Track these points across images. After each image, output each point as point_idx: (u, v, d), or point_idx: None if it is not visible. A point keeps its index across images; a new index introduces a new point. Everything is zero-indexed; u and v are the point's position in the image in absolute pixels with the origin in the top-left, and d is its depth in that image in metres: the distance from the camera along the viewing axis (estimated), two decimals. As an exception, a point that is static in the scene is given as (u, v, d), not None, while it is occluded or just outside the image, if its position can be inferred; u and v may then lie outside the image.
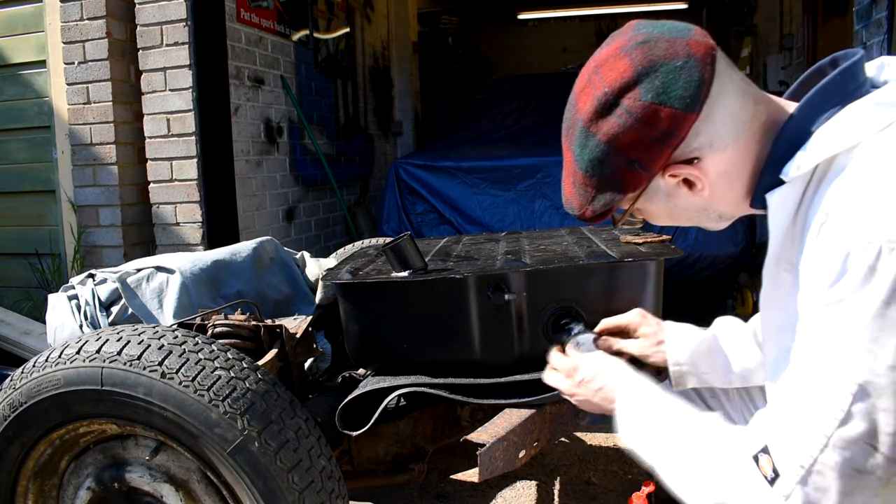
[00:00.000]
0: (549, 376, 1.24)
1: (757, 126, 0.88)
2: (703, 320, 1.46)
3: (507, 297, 1.42)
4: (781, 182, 0.86)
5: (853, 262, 0.73)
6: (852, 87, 0.85)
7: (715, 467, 0.85)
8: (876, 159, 0.77)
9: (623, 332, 1.34)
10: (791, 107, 0.89)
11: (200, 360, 1.29)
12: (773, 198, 0.86)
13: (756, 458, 0.80)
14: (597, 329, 1.34)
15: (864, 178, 0.76)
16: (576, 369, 1.17)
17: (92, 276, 1.88)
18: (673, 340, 1.30)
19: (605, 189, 0.92)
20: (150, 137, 3.41)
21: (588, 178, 0.93)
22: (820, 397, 0.74)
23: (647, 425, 1.00)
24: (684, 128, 0.85)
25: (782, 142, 0.86)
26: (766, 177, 0.87)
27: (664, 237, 1.71)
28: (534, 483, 2.31)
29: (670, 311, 1.46)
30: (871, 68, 0.91)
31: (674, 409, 0.98)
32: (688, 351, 1.29)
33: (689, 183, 0.90)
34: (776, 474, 0.77)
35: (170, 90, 3.34)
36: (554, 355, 1.25)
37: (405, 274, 1.48)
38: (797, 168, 0.83)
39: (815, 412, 0.75)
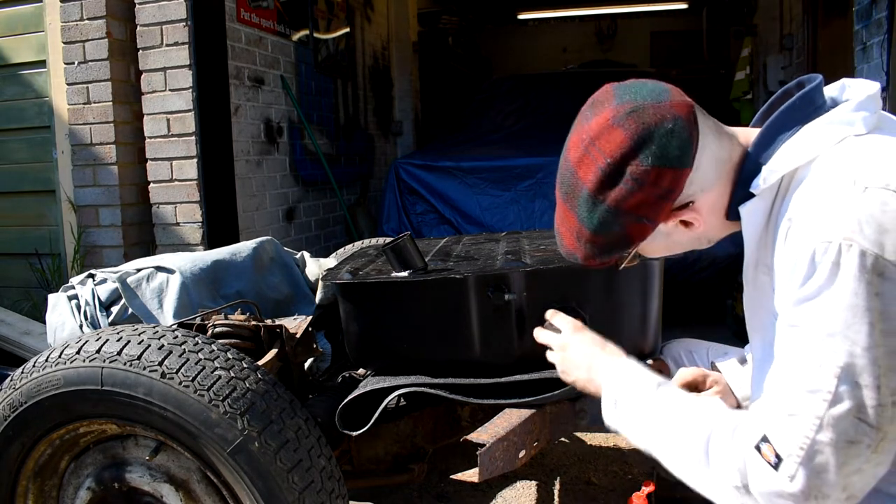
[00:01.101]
0: (541, 335, 1.25)
1: (733, 161, 1.00)
2: (704, 320, 1.46)
3: (507, 297, 1.42)
4: (752, 195, 0.97)
5: (818, 261, 0.82)
6: (810, 109, 0.96)
7: (726, 456, 0.91)
8: (829, 169, 0.88)
9: (692, 387, 1.36)
10: (755, 132, 1.01)
11: (200, 360, 1.29)
12: (745, 209, 0.98)
13: (758, 448, 0.87)
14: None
15: (820, 186, 0.87)
16: (568, 344, 1.19)
17: (92, 276, 1.88)
18: (732, 378, 1.35)
19: (614, 244, 1.02)
20: (150, 137, 3.40)
21: (597, 237, 1.01)
22: (808, 383, 0.83)
23: (644, 410, 1.03)
24: (682, 182, 0.96)
25: (751, 160, 0.98)
26: (738, 192, 0.99)
27: None
28: (534, 483, 2.31)
29: (670, 311, 1.46)
30: (834, 89, 1.01)
31: (666, 393, 1.03)
32: (746, 383, 1.31)
33: (685, 223, 1.01)
34: (779, 459, 0.84)
35: (170, 90, 3.34)
36: (542, 332, 1.25)
37: (405, 274, 1.47)
38: (763, 181, 0.95)
39: (806, 397, 0.83)
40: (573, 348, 1.18)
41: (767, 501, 0.86)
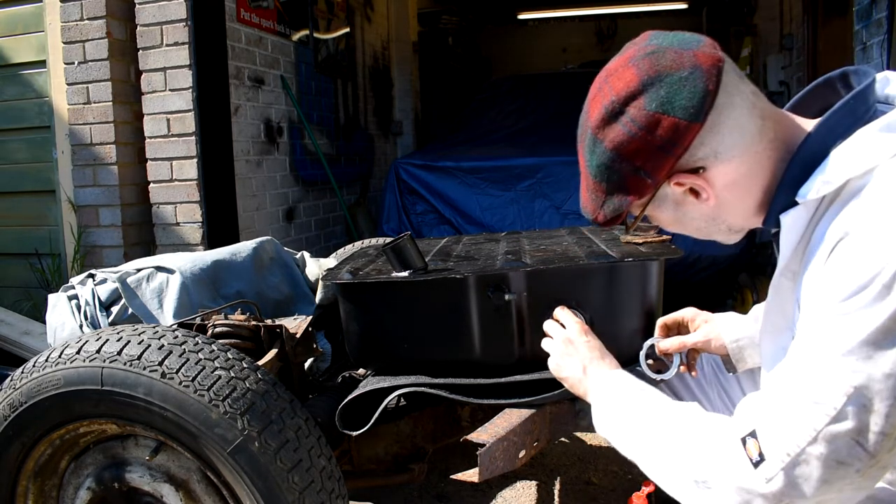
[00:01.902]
0: (546, 343, 1.27)
1: (767, 141, 0.90)
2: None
3: (507, 296, 1.42)
4: (795, 202, 0.88)
5: (869, 280, 0.76)
6: (862, 110, 0.88)
7: (699, 447, 0.88)
8: (892, 184, 0.80)
9: (681, 327, 1.39)
10: (800, 123, 0.92)
11: (200, 360, 1.29)
12: (787, 218, 0.89)
13: (744, 441, 0.83)
14: (657, 327, 1.39)
15: (883, 202, 0.79)
16: (571, 342, 1.21)
17: (92, 276, 1.88)
18: (727, 323, 1.34)
19: (613, 194, 0.95)
20: (150, 137, 3.41)
21: (597, 184, 0.96)
22: (815, 393, 0.78)
23: (623, 409, 1.03)
24: (687, 137, 0.87)
25: (797, 163, 0.88)
26: (781, 197, 0.90)
27: (664, 237, 1.70)
28: (534, 483, 2.31)
29: (671, 311, 1.46)
30: (879, 83, 0.92)
31: (653, 395, 1.02)
32: (743, 327, 1.32)
33: (695, 192, 0.92)
34: (762, 458, 0.81)
35: (170, 90, 3.34)
36: (551, 325, 1.27)
37: (405, 274, 1.47)
38: (816, 192, 0.85)
39: (809, 406, 0.78)
40: (574, 347, 1.20)
41: (731, 495, 0.83)
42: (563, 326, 1.26)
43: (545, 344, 1.27)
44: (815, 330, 0.81)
